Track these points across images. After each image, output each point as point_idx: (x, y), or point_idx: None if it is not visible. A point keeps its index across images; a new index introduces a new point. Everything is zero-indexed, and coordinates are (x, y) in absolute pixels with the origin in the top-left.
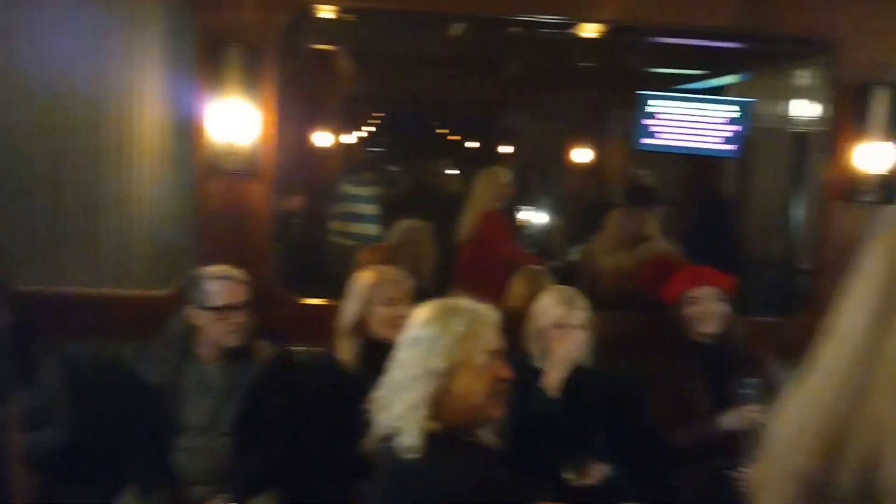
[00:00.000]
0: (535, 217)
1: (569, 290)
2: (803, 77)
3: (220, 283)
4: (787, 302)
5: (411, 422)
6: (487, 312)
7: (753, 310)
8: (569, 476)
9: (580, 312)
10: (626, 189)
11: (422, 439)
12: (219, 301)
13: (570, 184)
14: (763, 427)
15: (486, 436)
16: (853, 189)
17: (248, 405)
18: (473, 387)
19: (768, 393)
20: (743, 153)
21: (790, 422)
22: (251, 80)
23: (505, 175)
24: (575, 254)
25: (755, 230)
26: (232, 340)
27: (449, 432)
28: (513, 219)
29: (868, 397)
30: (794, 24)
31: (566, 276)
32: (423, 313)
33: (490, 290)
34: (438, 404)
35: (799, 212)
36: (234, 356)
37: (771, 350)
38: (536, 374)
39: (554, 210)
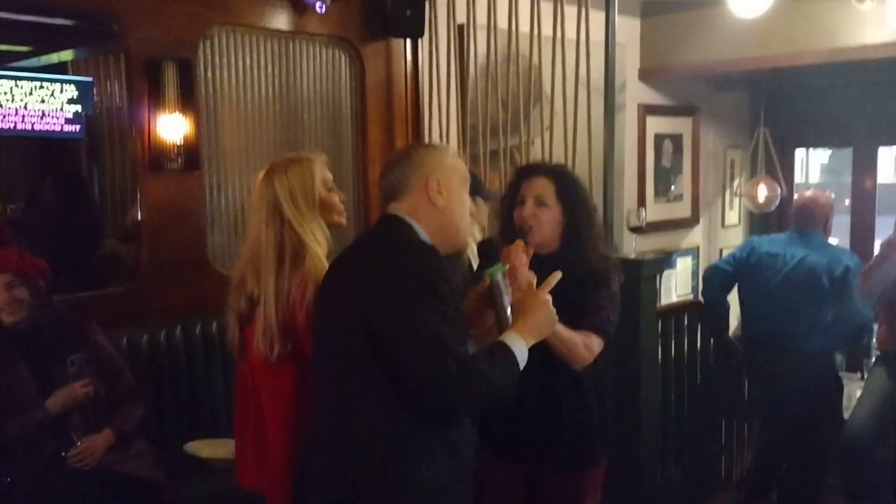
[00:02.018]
0: None
1: None
2: None
3: None
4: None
5: None
6: None
7: (88, 285)
8: None
9: None
10: None
11: None
12: None
13: None
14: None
15: None
16: (159, 158)
17: None
18: None
19: (98, 364)
20: (88, 133)
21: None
22: None
23: None
24: None
25: (107, 207)
26: None
27: None
28: None
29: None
30: (77, 2)
31: None
32: None
33: None
34: None
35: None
36: None
37: (102, 320)
38: None
39: None
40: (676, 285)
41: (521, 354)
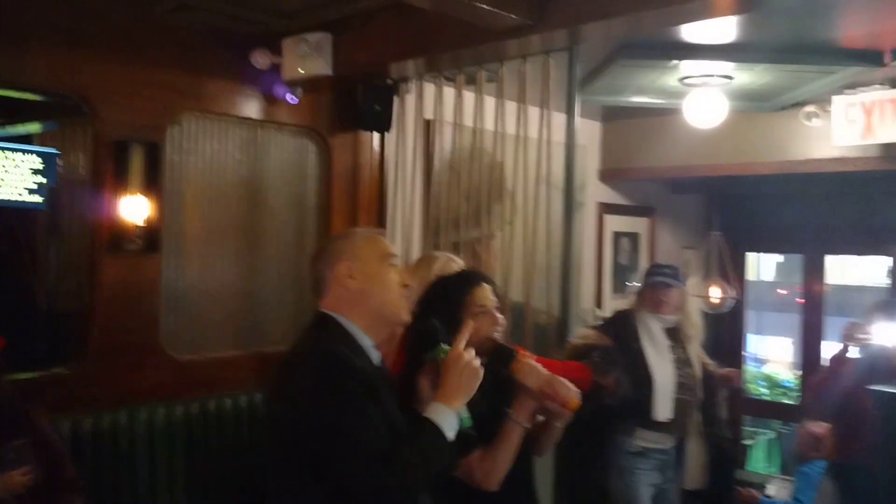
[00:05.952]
0: None
1: None
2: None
3: None
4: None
5: None
6: None
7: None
8: None
9: None
10: None
11: None
12: None
13: None
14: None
15: None
16: (118, 239)
17: None
18: None
19: (40, 452)
20: (50, 204)
21: None
22: None
23: None
24: None
25: (62, 283)
26: None
27: None
28: None
29: None
30: (49, 81)
31: None
32: None
33: None
34: None
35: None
36: None
37: (45, 404)
38: None
39: None
40: None
41: (448, 422)
